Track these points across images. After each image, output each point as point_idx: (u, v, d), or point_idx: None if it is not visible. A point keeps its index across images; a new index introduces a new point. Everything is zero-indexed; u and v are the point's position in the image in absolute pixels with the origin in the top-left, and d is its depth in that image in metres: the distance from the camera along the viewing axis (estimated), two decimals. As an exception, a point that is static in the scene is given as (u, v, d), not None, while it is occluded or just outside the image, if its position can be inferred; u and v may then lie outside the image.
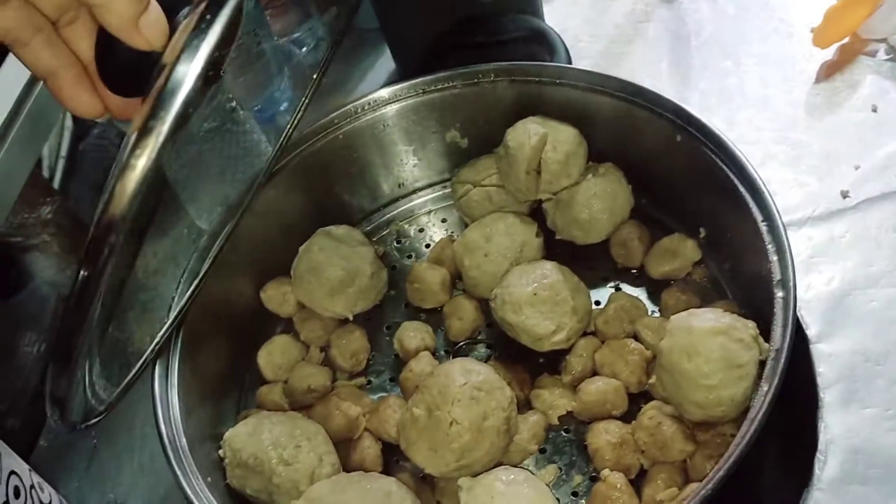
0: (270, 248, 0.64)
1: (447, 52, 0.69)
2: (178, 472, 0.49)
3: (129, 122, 0.44)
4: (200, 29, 0.39)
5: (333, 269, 0.61)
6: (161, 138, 0.38)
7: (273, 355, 0.61)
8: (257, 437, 0.52)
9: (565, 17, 0.82)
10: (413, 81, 0.65)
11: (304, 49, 0.89)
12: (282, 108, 0.83)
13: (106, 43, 0.41)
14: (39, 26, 0.42)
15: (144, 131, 0.38)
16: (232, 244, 0.57)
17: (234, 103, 0.68)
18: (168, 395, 0.54)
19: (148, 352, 0.52)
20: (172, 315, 0.54)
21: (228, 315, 0.62)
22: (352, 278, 0.62)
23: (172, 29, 0.42)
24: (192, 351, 0.56)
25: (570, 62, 0.69)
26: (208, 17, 0.39)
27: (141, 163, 0.38)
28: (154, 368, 0.54)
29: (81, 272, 0.39)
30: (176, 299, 0.54)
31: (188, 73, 0.38)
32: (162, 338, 0.53)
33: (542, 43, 0.69)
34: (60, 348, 0.42)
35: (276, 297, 0.64)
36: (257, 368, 0.62)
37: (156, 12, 0.41)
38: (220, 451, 0.54)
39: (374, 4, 0.74)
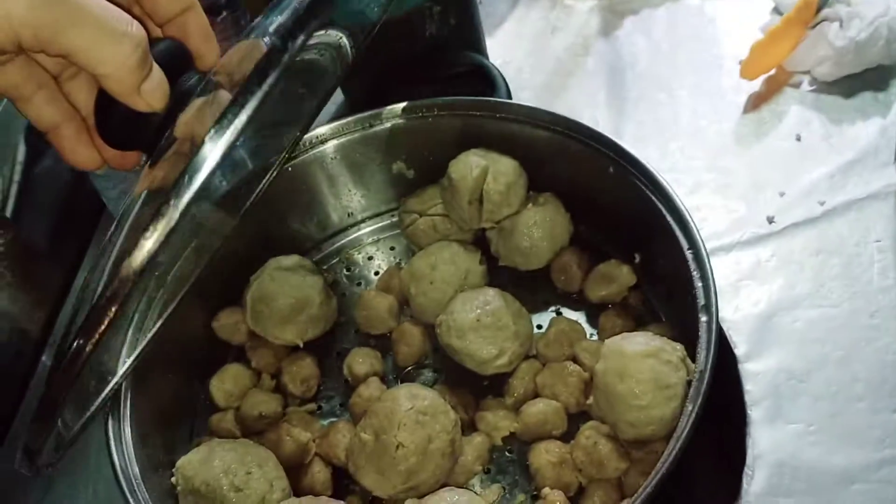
0: (222, 278, 0.66)
1: (394, 87, 0.71)
2: (131, 501, 0.50)
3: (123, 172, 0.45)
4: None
5: (284, 298, 0.63)
6: (167, 228, 0.38)
7: (225, 383, 0.63)
8: (209, 464, 0.53)
9: (508, 50, 0.85)
10: (358, 116, 0.67)
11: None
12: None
13: (105, 99, 0.42)
14: (42, 82, 0.43)
15: (157, 216, 0.38)
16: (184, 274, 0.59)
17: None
18: (120, 425, 0.55)
19: (118, 376, 0.52)
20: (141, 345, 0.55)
21: (180, 344, 0.63)
22: (302, 306, 0.63)
23: (176, 93, 0.42)
24: (145, 380, 0.58)
25: (510, 96, 0.72)
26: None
27: (147, 245, 0.38)
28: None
29: (77, 342, 0.39)
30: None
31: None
32: (131, 364, 0.53)
33: (484, 77, 0.71)
34: (44, 410, 0.42)
35: (228, 325, 0.65)
36: (210, 396, 0.63)
37: (158, 77, 0.41)
38: (173, 479, 0.55)
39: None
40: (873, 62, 0.73)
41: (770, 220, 0.67)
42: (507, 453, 0.58)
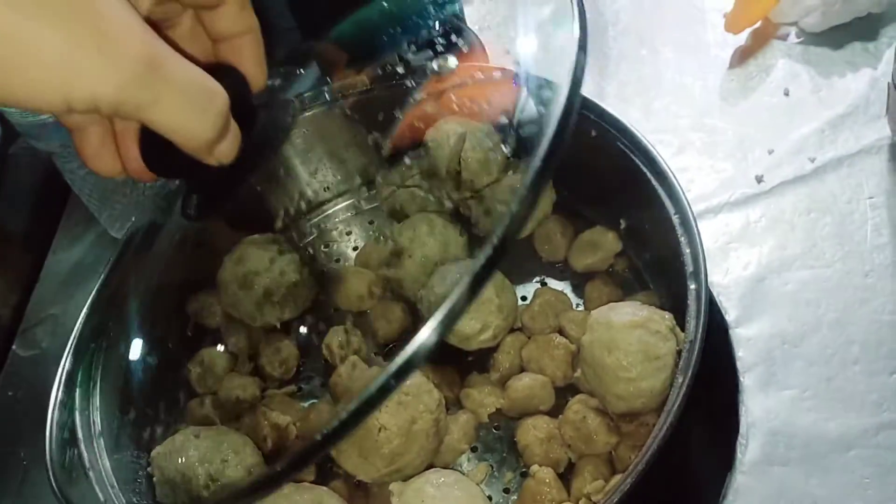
0: (196, 258, 0.64)
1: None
2: (99, 492, 0.49)
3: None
4: None
5: (259, 278, 0.61)
6: None
7: (201, 368, 0.61)
8: (184, 454, 0.51)
9: (485, 15, 0.82)
10: (328, 87, 0.65)
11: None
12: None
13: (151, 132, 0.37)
14: None
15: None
16: (155, 255, 0.57)
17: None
18: (91, 414, 0.53)
19: None
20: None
21: (155, 328, 0.61)
22: (278, 286, 0.61)
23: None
24: (117, 368, 0.56)
25: (488, 60, 0.70)
26: None
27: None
28: (75, 388, 0.53)
29: None
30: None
31: None
32: None
33: (459, 38, 0.68)
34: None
35: (203, 308, 0.63)
36: (186, 382, 0.61)
37: (233, 135, 0.37)
38: (149, 469, 0.53)
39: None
40: (862, 11, 0.71)
41: (759, 180, 0.65)
42: (493, 430, 0.56)
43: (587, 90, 0.62)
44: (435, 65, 0.60)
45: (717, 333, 0.56)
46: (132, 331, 0.57)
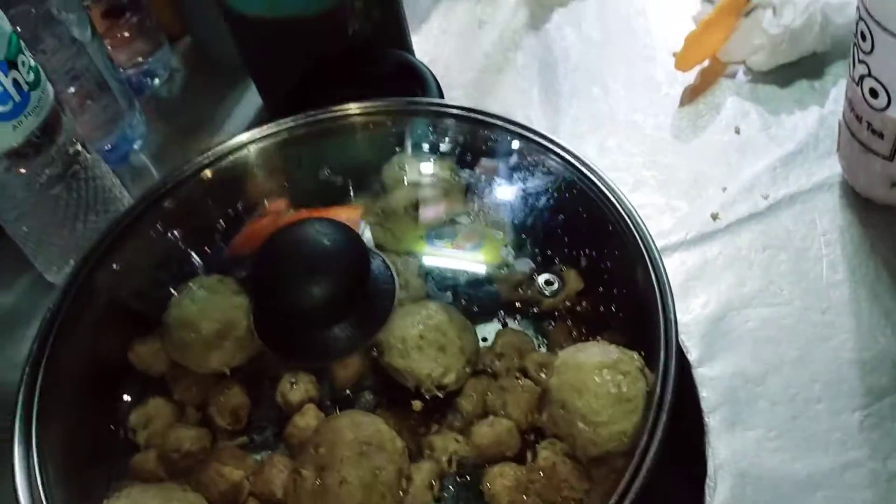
0: (139, 301, 0.60)
1: (316, 88, 0.67)
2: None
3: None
4: None
5: (207, 322, 0.58)
6: None
7: (145, 419, 0.57)
8: (131, 516, 0.48)
9: (434, 46, 0.82)
10: (279, 121, 0.62)
11: (157, 80, 0.86)
12: (135, 146, 0.79)
13: None
14: None
15: None
16: (91, 297, 0.54)
17: (78, 146, 0.64)
18: (31, 473, 0.50)
19: None
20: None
21: (92, 378, 0.57)
22: (227, 330, 0.58)
23: None
24: (54, 421, 0.52)
25: (441, 95, 0.69)
26: None
27: None
28: (14, 446, 0.49)
29: None
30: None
31: None
32: None
33: (414, 76, 0.67)
34: None
35: (146, 355, 0.60)
36: (129, 435, 0.57)
37: None
38: (90, 533, 0.50)
39: (237, 41, 0.71)
40: (808, 50, 0.72)
41: (714, 217, 0.65)
42: (458, 479, 0.54)
43: (540, 126, 0.61)
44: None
45: (680, 373, 0.56)
46: (70, 385, 0.54)
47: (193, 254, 0.63)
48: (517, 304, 0.62)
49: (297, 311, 0.48)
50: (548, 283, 0.58)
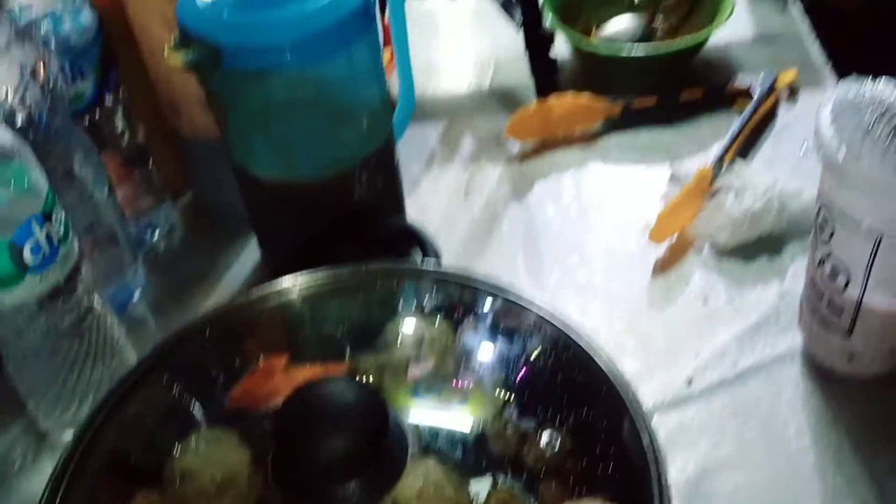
0: (138, 451, 0.62)
1: (321, 250, 0.71)
2: None
3: None
4: None
5: (210, 475, 0.60)
6: None
7: (144, 571, 0.58)
8: None
9: (424, 211, 0.87)
10: (281, 281, 0.66)
11: (157, 234, 0.89)
12: (134, 298, 0.81)
13: None
14: None
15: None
16: (91, 448, 0.55)
17: (94, 296, 0.67)
18: None
19: None
20: None
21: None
22: (229, 483, 0.60)
23: None
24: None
25: (439, 259, 0.74)
26: None
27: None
28: None
29: None
30: None
31: None
32: None
33: (414, 240, 0.73)
34: None
35: (146, 505, 0.61)
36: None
37: None
38: None
39: (246, 201, 0.76)
40: (767, 230, 0.79)
41: (689, 382, 0.69)
42: None
43: (525, 290, 0.66)
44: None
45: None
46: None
47: (196, 407, 0.66)
48: (507, 462, 0.65)
49: (318, 464, 0.50)
50: (546, 442, 0.62)
